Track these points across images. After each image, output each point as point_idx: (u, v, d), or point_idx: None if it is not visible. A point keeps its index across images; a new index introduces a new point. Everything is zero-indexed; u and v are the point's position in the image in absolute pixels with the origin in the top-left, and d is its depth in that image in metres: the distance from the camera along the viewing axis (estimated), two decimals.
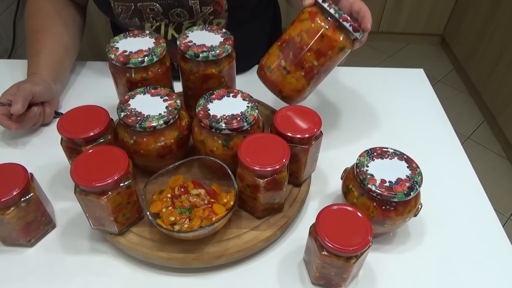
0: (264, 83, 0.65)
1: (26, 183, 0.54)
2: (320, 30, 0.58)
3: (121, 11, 0.76)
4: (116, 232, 0.55)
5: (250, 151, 0.54)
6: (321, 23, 0.58)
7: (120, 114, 0.57)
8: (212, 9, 0.77)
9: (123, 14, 0.76)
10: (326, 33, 0.58)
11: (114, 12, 0.77)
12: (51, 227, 0.61)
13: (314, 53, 0.60)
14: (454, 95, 2.28)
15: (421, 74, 0.93)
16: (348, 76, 0.91)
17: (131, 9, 0.75)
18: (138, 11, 0.76)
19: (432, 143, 0.76)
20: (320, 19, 0.59)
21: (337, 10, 0.57)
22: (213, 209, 0.54)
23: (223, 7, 0.77)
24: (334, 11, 0.57)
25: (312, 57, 0.60)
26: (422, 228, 0.61)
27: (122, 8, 0.75)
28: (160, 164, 0.60)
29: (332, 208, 0.51)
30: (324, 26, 0.58)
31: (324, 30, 0.58)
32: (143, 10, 0.75)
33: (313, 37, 0.59)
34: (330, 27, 0.58)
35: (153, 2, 0.74)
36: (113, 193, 0.51)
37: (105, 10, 0.78)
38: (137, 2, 0.74)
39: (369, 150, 0.58)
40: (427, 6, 2.41)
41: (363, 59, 2.49)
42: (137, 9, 0.75)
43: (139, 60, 0.61)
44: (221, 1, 0.76)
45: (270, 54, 0.64)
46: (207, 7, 0.76)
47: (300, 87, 0.63)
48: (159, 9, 0.75)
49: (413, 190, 0.52)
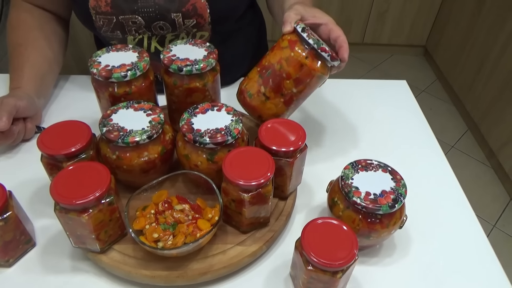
0: (244, 108, 0.67)
1: (4, 202, 0.52)
2: (299, 59, 0.60)
3: (102, 24, 0.75)
4: (98, 250, 0.54)
5: (234, 165, 0.53)
6: (301, 52, 0.60)
7: (102, 129, 0.56)
8: (195, 22, 0.77)
9: (105, 27, 0.76)
10: (305, 62, 0.60)
11: (96, 25, 0.76)
12: (31, 245, 0.59)
13: (293, 81, 0.61)
14: (438, 105, 2.32)
15: (404, 86, 0.95)
16: (332, 89, 0.92)
17: (112, 22, 0.75)
18: (120, 24, 0.75)
19: (415, 154, 0.77)
20: (300, 48, 0.60)
21: (316, 41, 0.58)
22: (197, 224, 0.53)
23: (206, 19, 0.77)
24: (313, 42, 0.58)
25: (291, 85, 0.62)
26: (408, 240, 0.62)
27: (104, 21, 0.75)
28: (144, 179, 0.59)
29: (317, 222, 0.51)
30: (303, 56, 0.60)
31: (303, 59, 0.60)
32: (125, 23, 0.75)
33: (293, 66, 0.60)
34: (309, 56, 0.60)
35: (135, 15, 0.74)
36: (94, 210, 0.50)
37: (86, 23, 0.78)
38: (119, 15, 0.74)
39: (354, 162, 0.58)
40: (410, 18, 2.47)
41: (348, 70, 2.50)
42: (118, 22, 0.75)
43: (121, 74, 0.60)
44: (204, 14, 0.76)
45: (249, 78, 0.65)
46: (190, 19, 0.76)
47: (280, 112, 0.65)
48: (141, 22, 0.75)
49: (398, 202, 0.53)
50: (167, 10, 0.74)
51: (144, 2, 0.73)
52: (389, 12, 2.44)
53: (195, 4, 0.74)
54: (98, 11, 0.73)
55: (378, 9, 2.42)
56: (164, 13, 0.74)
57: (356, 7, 2.42)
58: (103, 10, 0.73)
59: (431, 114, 2.24)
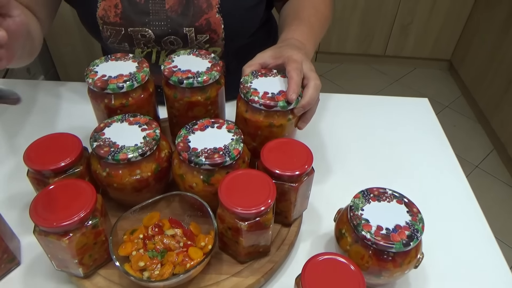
0: None
1: None
2: (242, 115, 0.59)
3: (109, 35, 0.72)
4: (81, 275, 0.50)
5: (231, 190, 0.48)
6: (241, 106, 0.59)
7: (92, 144, 0.52)
8: (208, 37, 0.73)
9: (112, 38, 0.72)
10: (246, 116, 0.58)
11: (102, 35, 0.73)
12: (15, 264, 0.55)
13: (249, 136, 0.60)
14: (462, 122, 2.22)
15: (425, 104, 0.88)
16: (345, 105, 0.86)
17: (120, 34, 0.71)
18: (129, 36, 0.71)
19: (435, 181, 0.70)
20: (241, 103, 0.59)
21: (246, 92, 0.57)
22: (188, 253, 0.49)
23: (219, 35, 0.73)
24: (243, 95, 0.57)
25: (250, 140, 0.60)
26: (424, 280, 0.55)
27: (112, 32, 0.71)
28: (136, 198, 0.55)
29: (320, 258, 0.45)
30: (243, 110, 0.59)
31: (244, 113, 0.58)
32: (134, 36, 0.71)
33: (239, 121, 0.60)
34: (248, 110, 0.58)
35: (145, 28, 0.70)
36: (76, 234, 0.46)
37: (92, 33, 0.74)
38: (128, 26, 0.70)
39: (365, 190, 0.52)
40: (435, 31, 2.38)
41: (368, 82, 2.45)
42: (127, 34, 0.71)
43: (118, 85, 0.57)
44: (217, 29, 0.72)
45: None
46: (203, 35, 0.72)
47: None
48: (151, 35, 0.71)
49: (413, 240, 0.46)
50: (179, 24, 0.70)
51: (156, 15, 0.70)
52: (413, 24, 2.36)
53: (209, 18, 0.70)
54: (106, 21, 0.70)
55: (402, 21, 2.35)
56: (176, 27, 0.70)
57: (379, 19, 2.35)
58: (112, 21, 0.70)
59: (454, 131, 2.14)
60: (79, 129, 0.62)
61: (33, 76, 1.75)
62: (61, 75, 1.98)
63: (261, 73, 0.61)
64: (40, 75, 1.81)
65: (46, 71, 1.88)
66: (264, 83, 0.59)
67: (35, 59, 0.71)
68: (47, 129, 0.74)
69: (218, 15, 0.70)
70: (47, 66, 1.90)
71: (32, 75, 1.74)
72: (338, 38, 2.45)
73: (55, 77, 1.96)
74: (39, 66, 1.82)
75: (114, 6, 0.69)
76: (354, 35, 2.44)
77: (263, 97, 0.56)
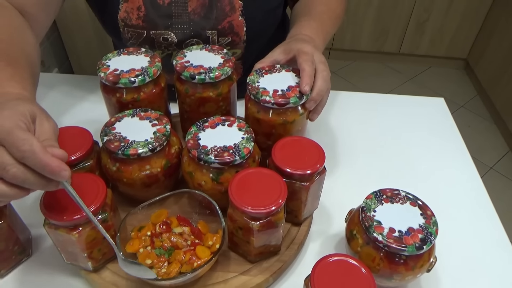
0: None
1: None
2: (254, 115, 0.58)
3: (130, 37, 0.71)
4: (90, 269, 0.50)
5: (242, 189, 0.48)
6: (251, 107, 0.58)
7: (103, 138, 0.52)
8: (230, 39, 0.72)
9: (133, 40, 0.71)
10: (258, 116, 0.57)
11: (123, 37, 0.72)
12: (26, 256, 0.56)
13: (263, 135, 0.59)
14: (477, 123, 2.18)
15: (441, 104, 0.86)
16: (358, 103, 0.84)
17: (142, 36, 0.70)
18: (150, 39, 0.71)
19: (449, 182, 0.69)
20: (251, 104, 0.58)
21: (256, 93, 0.56)
22: (196, 252, 0.48)
23: (241, 37, 0.72)
24: (253, 96, 0.56)
25: (263, 138, 0.60)
26: (437, 285, 0.54)
27: (133, 34, 0.70)
28: (146, 193, 0.55)
29: (331, 260, 0.44)
30: (255, 111, 0.58)
31: (256, 114, 0.58)
32: (156, 39, 0.71)
33: (251, 122, 0.59)
34: (260, 110, 0.57)
35: (168, 31, 0.70)
36: (86, 228, 0.46)
37: (112, 33, 0.74)
38: (151, 29, 0.69)
39: (378, 191, 0.51)
40: (451, 29, 2.33)
41: (382, 80, 2.42)
42: (149, 36, 0.70)
43: (130, 80, 0.56)
44: (240, 31, 0.71)
45: None
46: (225, 37, 0.71)
47: None
48: (173, 39, 0.70)
49: (427, 243, 0.45)
50: (202, 27, 0.70)
51: (179, 18, 0.69)
52: (429, 22, 2.32)
53: (232, 21, 0.70)
54: (127, 24, 0.69)
55: (418, 18, 2.31)
56: (199, 30, 0.70)
57: (394, 16, 2.31)
58: (134, 23, 0.69)
59: (469, 132, 2.10)
60: (90, 123, 0.61)
61: (48, 68, 1.77)
62: (74, 68, 1.99)
63: (266, 71, 0.60)
64: (54, 67, 1.83)
65: (60, 64, 1.90)
66: (271, 80, 0.58)
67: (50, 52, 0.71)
68: (59, 122, 0.73)
69: (241, 18, 0.70)
70: (61, 59, 1.91)
71: (47, 67, 1.75)
72: (352, 35, 2.42)
73: (69, 69, 1.97)
74: (53, 59, 1.83)
75: (137, 9, 0.68)
76: (368, 32, 2.40)
77: (274, 95, 0.55)
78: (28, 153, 0.36)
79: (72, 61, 1.98)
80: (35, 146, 0.36)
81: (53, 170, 0.37)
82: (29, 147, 0.36)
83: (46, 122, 0.41)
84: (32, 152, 0.36)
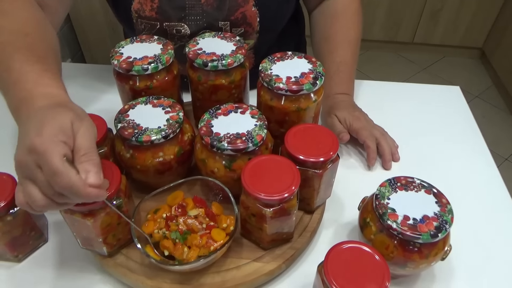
0: None
1: (13, 195, 0.50)
2: (267, 103, 0.57)
3: (143, 28, 0.71)
4: (105, 253, 0.51)
5: (255, 176, 0.48)
6: (264, 95, 0.58)
7: (117, 125, 0.52)
8: (243, 30, 0.72)
9: (146, 31, 0.71)
10: (271, 104, 0.57)
11: (135, 28, 0.72)
12: (42, 241, 0.57)
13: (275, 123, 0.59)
14: (492, 113, 2.14)
15: (456, 92, 0.85)
16: (373, 91, 0.83)
17: (155, 28, 0.70)
18: (163, 31, 0.71)
19: (465, 171, 0.68)
20: (264, 92, 0.58)
21: (269, 80, 0.55)
22: (211, 235, 0.48)
23: (254, 28, 0.72)
24: (266, 84, 0.56)
25: (276, 127, 0.60)
26: (451, 273, 0.53)
27: (146, 25, 0.70)
28: (159, 180, 0.55)
29: (344, 246, 0.44)
30: (268, 99, 0.57)
31: (269, 102, 0.57)
32: (169, 31, 0.70)
33: (263, 109, 0.59)
34: (274, 98, 0.57)
35: (181, 23, 0.69)
36: (101, 213, 0.46)
37: (125, 24, 0.74)
38: (164, 21, 0.69)
39: (392, 179, 0.51)
40: (466, 18, 2.28)
41: (394, 70, 2.38)
42: (162, 28, 0.70)
43: (143, 67, 0.56)
44: (253, 22, 0.71)
45: None
46: (238, 28, 0.71)
47: None
48: (187, 30, 0.70)
49: (442, 231, 0.45)
50: (215, 18, 0.69)
51: (192, 9, 0.69)
52: (443, 11, 2.27)
53: (245, 12, 0.69)
54: (141, 15, 0.69)
55: (432, 7, 2.26)
56: (212, 21, 0.70)
57: (408, 4, 2.27)
58: (147, 15, 0.69)
59: (484, 123, 2.06)
60: (104, 111, 0.62)
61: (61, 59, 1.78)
62: (87, 58, 2.01)
63: (278, 58, 0.59)
64: (68, 58, 1.85)
65: (73, 54, 1.92)
66: (283, 67, 0.57)
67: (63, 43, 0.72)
68: None
69: (254, 8, 0.69)
70: (74, 49, 1.93)
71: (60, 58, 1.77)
72: (364, 24, 2.36)
73: (82, 60, 1.99)
74: (67, 50, 1.85)
75: (150, 0, 0.68)
76: (381, 21, 2.36)
77: (287, 82, 0.54)
78: (67, 190, 0.37)
79: (85, 51, 1.99)
80: (73, 182, 0.36)
81: (90, 199, 0.38)
82: (67, 182, 0.36)
83: (85, 130, 0.40)
84: (70, 189, 0.36)
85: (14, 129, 0.73)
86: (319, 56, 0.77)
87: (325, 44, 0.76)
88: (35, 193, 0.38)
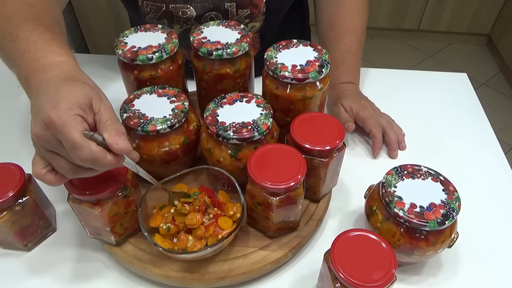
0: None
1: (22, 185, 0.50)
2: (273, 92, 0.57)
3: (149, 11, 0.70)
4: (113, 243, 0.51)
5: (261, 165, 0.48)
6: (269, 84, 0.57)
7: (122, 115, 0.53)
8: (249, 12, 0.71)
9: (151, 13, 0.71)
10: (276, 93, 0.56)
11: (141, 11, 0.71)
12: (51, 230, 0.57)
13: (281, 111, 0.59)
14: (499, 100, 2.12)
15: (464, 79, 0.84)
16: (379, 79, 0.83)
17: (161, 10, 0.70)
18: (169, 13, 0.70)
19: (473, 159, 0.67)
20: (269, 81, 0.57)
21: (274, 69, 0.55)
22: (218, 223, 0.49)
23: (260, 10, 0.71)
24: (272, 72, 0.55)
25: (282, 115, 0.59)
26: (457, 261, 0.53)
27: (152, 8, 0.70)
28: (165, 170, 0.55)
29: (351, 234, 0.44)
30: (273, 87, 0.57)
31: (274, 90, 0.56)
32: (175, 13, 0.70)
33: (269, 98, 0.58)
34: (279, 86, 0.56)
35: (187, 5, 0.69)
36: (108, 203, 0.46)
37: (131, 7, 0.73)
38: (170, 3, 0.68)
39: (399, 167, 0.51)
40: (473, 4, 2.24)
41: (400, 58, 2.36)
42: (168, 10, 0.70)
43: (147, 56, 0.56)
44: (259, 3, 0.70)
45: None
46: (244, 10, 0.70)
47: None
48: (193, 12, 0.69)
49: (449, 219, 0.45)
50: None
51: None
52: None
53: None
54: None
55: None
56: (218, 2, 0.69)
57: None
58: None
59: (490, 110, 2.04)
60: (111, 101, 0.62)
61: None
62: (90, 48, 2.00)
63: (283, 46, 0.59)
64: (72, 48, 1.84)
65: (77, 44, 1.91)
66: (289, 55, 0.57)
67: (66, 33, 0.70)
68: None
69: None
70: (78, 40, 1.92)
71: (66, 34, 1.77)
72: (369, 12, 2.33)
73: (85, 50, 1.99)
74: (70, 40, 1.84)
75: None
76: (386, 8, 2.33)
77: (293, 70, 0.54)
78: (89, 162, 0.38)
79: (88, 41, 1.98)
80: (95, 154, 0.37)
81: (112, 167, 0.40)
82: (89, 154, 0.37)
83: (101, 103, 0.41)
84: (92, 161, 0.37)
85: (22, 120, 0.74)
86: (324, 44, 0.76)
87: (331, 31, 0.76)
88: (64, 163, 0.39)
